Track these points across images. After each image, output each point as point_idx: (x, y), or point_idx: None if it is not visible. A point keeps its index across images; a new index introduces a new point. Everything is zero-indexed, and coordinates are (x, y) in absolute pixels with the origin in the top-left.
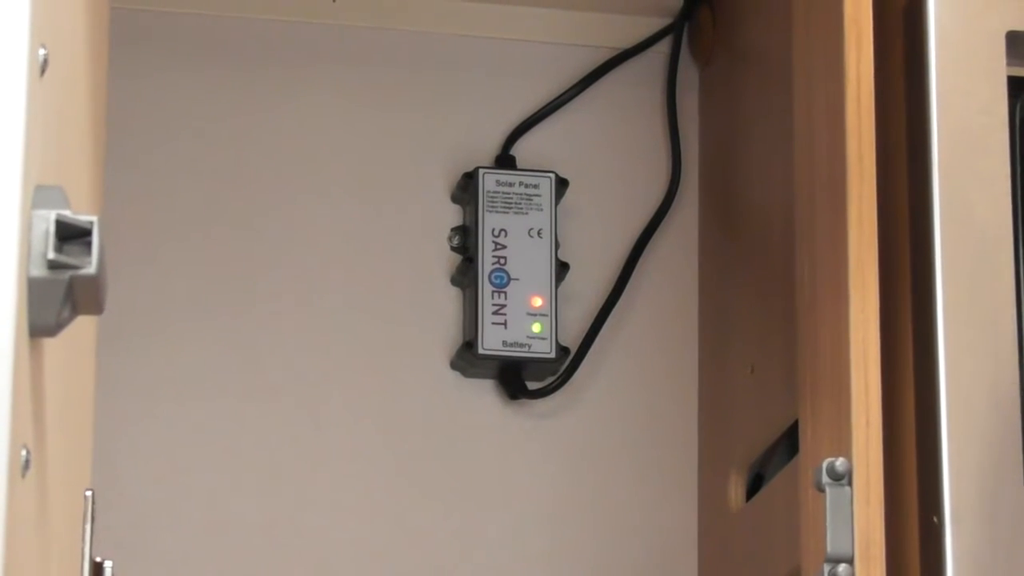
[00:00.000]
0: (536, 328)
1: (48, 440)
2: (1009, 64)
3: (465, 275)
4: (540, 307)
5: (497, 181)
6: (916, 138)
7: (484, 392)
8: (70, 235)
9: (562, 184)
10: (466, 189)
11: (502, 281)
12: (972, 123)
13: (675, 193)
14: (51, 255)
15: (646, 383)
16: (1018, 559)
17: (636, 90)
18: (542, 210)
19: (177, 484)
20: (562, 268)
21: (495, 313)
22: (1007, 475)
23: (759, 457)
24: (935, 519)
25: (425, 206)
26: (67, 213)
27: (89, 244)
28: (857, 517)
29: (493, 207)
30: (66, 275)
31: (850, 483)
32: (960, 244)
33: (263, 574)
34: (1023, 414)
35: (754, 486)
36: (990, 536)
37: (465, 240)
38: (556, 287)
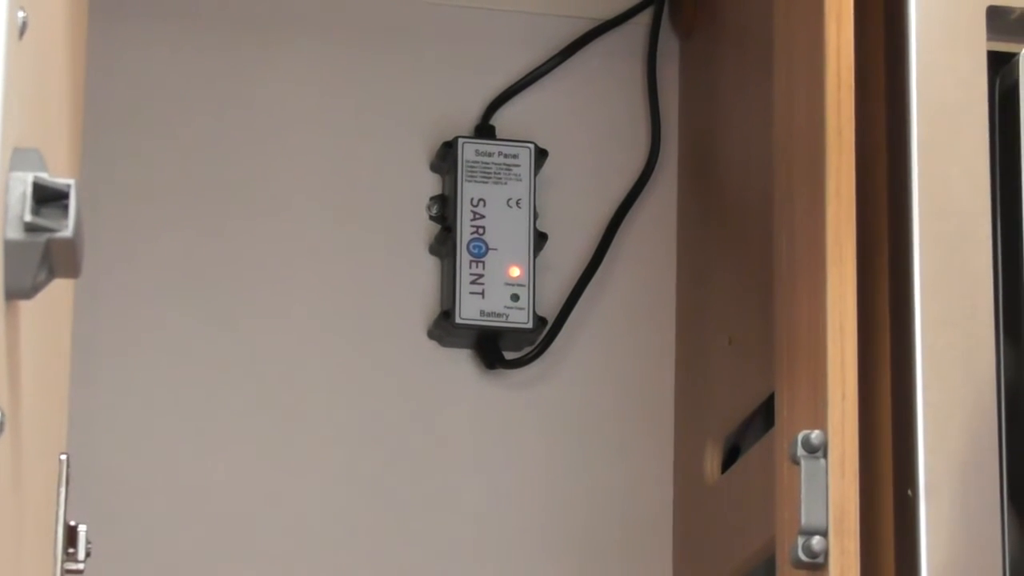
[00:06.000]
0: (514, 298)
1: (23, 403)
2: (989, 38)
3: (443, 244)
4: (518, 277)
5: (476, 151)
6: (895, 112)
7: (461, 361)
8: (47, 198)
9: (541, 155)
10: (445, 159)
11: (480, 251)
12: (952, 97)
13: (654, 165)
14: (28, 217)
15: (623, 354)
16: (992, 533)
17: (616, 61)
18: (521, 180)
19: (152, 448)
20: (540, 238)
21: (473, 283)
22: (982, 449)
23: (735, 429)
24: (909, 492)
25: (404, 175)
26: (44, 176)
27: (66, 207)
28: (832, 489)
29: (472, 177)
30: (43, 238)
31: (825, 456)
32: (938, 218)
33: (238, 539)
34: (998, 389)
35: (730, 458)
36: (964, 510)
37: (444, 209)
38: (534, 257)
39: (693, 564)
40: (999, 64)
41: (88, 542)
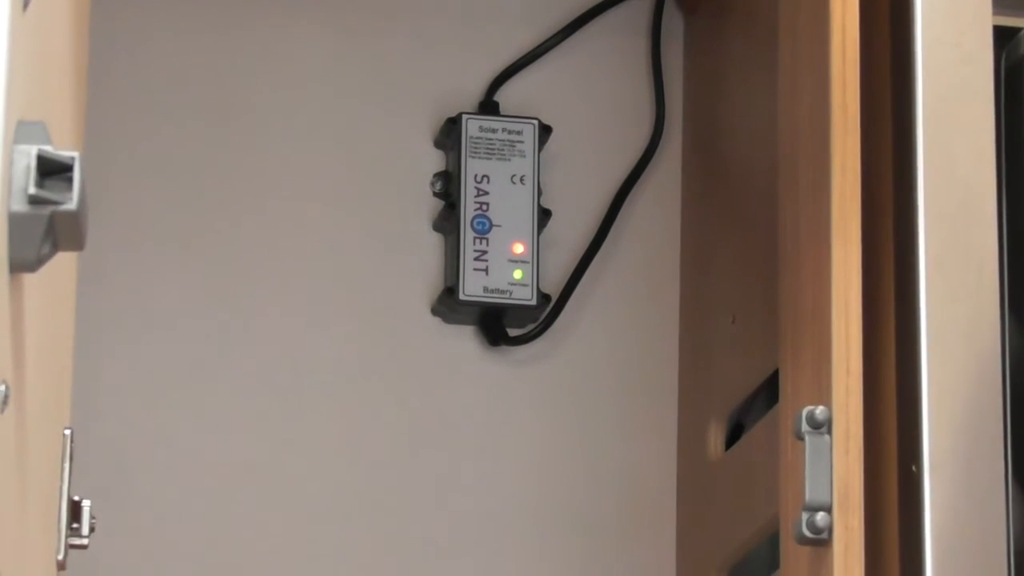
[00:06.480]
0: (517, 275)
1: (27, 376)
2: (995, 13)
3: (447, 221)
4: (522, 254)
5: (480, 127)
6: (901, 88)
7: (465, 338)
8: (52, 170)
9: (545, 131)
10: (449, 135)
11: (484, 227)
12: (957, 73)
13: (658, 141)
14: (32, 190)
15: (627, 331)
16: (996, 509)
17: (621, 37)
18: (525, 156)
19: (156, 424)
20: (544, 215)
21: (477, 259)
22: (986, 425)
23: (739, 406)
24: (913, 468)
25: (408, 151)
26: (49, 148)
27: (71, 180)
28: (836, 465)
29: (476, 153)
30: (47, 210)
31: (829, 431)
32: (943, 194)
33: (241, 515)
34: (1003, 364)
35: (734, 435)
36: (968, 486)
37: (447, 186)
38: (538, 234)
39: (697, 541)
40: (1005, 39)
41: (92, 517)
